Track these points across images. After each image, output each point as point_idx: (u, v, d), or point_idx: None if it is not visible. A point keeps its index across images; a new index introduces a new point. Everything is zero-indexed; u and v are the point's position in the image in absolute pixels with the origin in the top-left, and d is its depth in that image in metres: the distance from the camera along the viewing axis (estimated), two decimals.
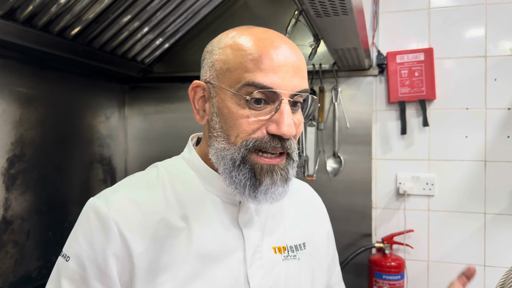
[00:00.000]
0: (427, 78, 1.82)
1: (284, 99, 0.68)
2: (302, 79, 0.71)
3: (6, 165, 1.55)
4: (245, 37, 0.72)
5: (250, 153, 0.69)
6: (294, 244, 0.79)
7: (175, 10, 1.87)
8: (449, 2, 1.84)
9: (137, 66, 2.11)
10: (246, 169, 0.68)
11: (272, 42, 0.70)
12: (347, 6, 1.03)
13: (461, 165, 1.82)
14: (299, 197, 0.87)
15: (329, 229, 0.90)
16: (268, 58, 0.68)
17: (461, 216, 1.82)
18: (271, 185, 0.68)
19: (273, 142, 0.68)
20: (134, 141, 2.30)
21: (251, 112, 0.68)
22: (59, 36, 1.60)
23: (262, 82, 0.67)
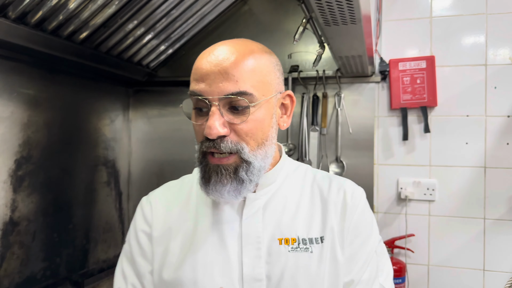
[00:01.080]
0: (428, 85, 1.86)
1: (212, 104, 0.74)
2: (235, 82, 0.74)
3: (14, 167, 1.57)
4: (202, 53, 0.81)
5: (204, 155, 0.79)
6: (308, 237, 0.82)
7: (180, 16, 1.90)
8: (451, 12, 1.88)
9: (142, 70, 2.13)
10: (201, 168, 0.80)
11: (205, 52, 0.79)
12: (356, 16, 1.06)
13: (461, 171, 1.85)
14: (324, 192, 0.87)
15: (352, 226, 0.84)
16: (198, 68, 0.77)
17: (461, 221, 1.85)
18: (218, 182, 0.76)
19: (206, 143, 0.77)
20: (137, 144, 2.31)
21: (196, 119, 0.79)
22: (67, 40, 1.62)
23: (193, 90, 0.77)
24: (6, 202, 1.53)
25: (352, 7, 1.00)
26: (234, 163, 0.77)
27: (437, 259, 1.87)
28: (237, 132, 0.76)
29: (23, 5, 1.35)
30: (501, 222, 1.80)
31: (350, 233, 0.84)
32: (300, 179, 0.90)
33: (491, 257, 1.81)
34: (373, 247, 0.86)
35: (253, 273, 0.79)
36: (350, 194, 0.86)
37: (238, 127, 0.76)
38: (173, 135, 2.27)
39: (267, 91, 0.79)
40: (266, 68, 0.79)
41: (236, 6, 2.15)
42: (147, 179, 2.30)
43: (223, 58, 0.76)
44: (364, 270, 0.83)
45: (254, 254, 0.80)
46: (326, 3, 0.98)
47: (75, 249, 1.89)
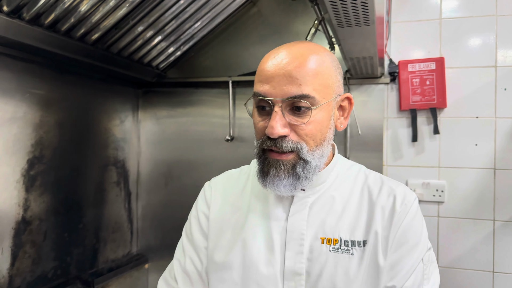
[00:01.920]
0: (438, 86, 1.86)
1: (276, 105, 0.78)
2: (299, 86, 0.78)
3: (26, 167, 1.58)
4: (266, 55, 0.85)
5: (263, 150, 0.83)
6: (351, 240, 0.83)
7: (190, 18, 1.91)
8: (460, 13, 1.88)
9: (152, 71, 2.15)
10: (260, 162, 0.84)
11: (271, 55, 0.83)
12: (370, 17, 1.06)
13: (470, 172, 1.85)
14: (373, 195, 0.88)
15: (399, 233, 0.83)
16: (263, 70, 0.82)
17: (470, 222, 1.85)
18: (276, 176, 0.81)
19: (267, 142, 0.81)
20: (147, 145, 2.33)
21: (258, 117, 0.83)
22: (80, 41, 1.63)
23: (258, 91, 0.81)
24: (18, 201, 1.55)
25: (367, 9, 1.00)
26: (292, 159, 0.81)
27: (446, 260, 1.87)
28: (297, 132, 0.80)
29: (37, 7, 1.36)
30: (510, 224, 1.80)
31: (396, 240, 0.83)
32: (352, 179, 0.92)
33: (501, 259, 1.81)
34: (420, 255, 0.84)
35: (294, 267, 0.83)
36: (401, 200, 0.86)
37: (299, 127, 0.80)
38: (181, 136, 2.28)
39: (327, 94, 0.82)
40: (328, 71, 0.83)
41: (245, 7, 2.16)
42: (156, 179, 2.31)
43: (287, 61, 0.79)
44: (408, 277, 0.82)
45: (296, 250, 0.84)
46: (341, 4, 0.99)
47: (85, 249, 1.90)
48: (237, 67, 2.19)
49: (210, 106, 2.25)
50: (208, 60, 2.25)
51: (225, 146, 2.18)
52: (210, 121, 2.24)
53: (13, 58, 1.52)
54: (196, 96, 2.27)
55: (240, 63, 2.19)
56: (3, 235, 1.49)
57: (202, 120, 2.26)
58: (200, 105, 2.27)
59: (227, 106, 2.17)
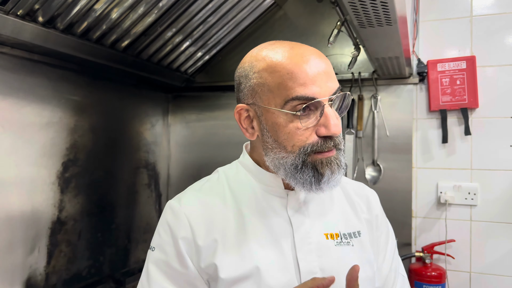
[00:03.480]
0: (469, 86, 1.81)
1: (326, 105, 0.77)
2: (334, 80, 0.80)
3: (61, 169, 1.66)
4: (276, 58, 0.79)
5: (308, 156, 0.78)
6: (348, 232, 0.88)
7: (217, 23, 1.95)
8: (493, 10, 1.82)
9: (181, 76, 2.20)
10: (308, 169, 0.78)
11: (302, 57, 0.78)
12: (391, 17, 1.05)
13: (505, 175, 1.78)
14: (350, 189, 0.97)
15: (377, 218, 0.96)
16: (303, 72, 0.76)
17: (505, 227, 1.78)
18: (331, 174, 0.78)
19: (326, 143, 0.78)
20: (176, 148, 2.38)
21: (300, 122, 0.77)
22: (111, 48, 1.70)
23: (304, 94, 0.76)
24: (54, 203, 1.62)
25: (388, 9, 1.00)
26: (337, 152, 0.81)
27: (480, 266, 1.81)
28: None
29: (70, 16, 1.43)
30: None
31: (379, 227, 0.95)
32: None
33: None
34: (394, 239, 0.98)
35: (309, 266, 0.82)
36: (371, 194, 0.99)
37: (339, 119, 0.81)
38: (210, 139, 2.32)
39: None
40: None
41: (271, 11, 2.18)
42: (185, 181, 2.36)
43: (320, 60, 0.79)
44: (391, 260, 0.93)
45: (306, 249, 0.83)
46: (361, 5, 0.99)
47: (118, 249, 1.96)
48: None
49: None
50: (235, 64, 2.24)
51: None
52: (237, 124, 2.27)
53: (49, 66, 1.60)
54: (224, 100, 2.30)
55: None
56: (40, 234, 1.57)
57: (230, 123, 2.29)
58: (228, 109, 2.30)
59: None
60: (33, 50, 1.50)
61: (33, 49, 1.48)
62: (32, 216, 1.53)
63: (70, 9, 1.41)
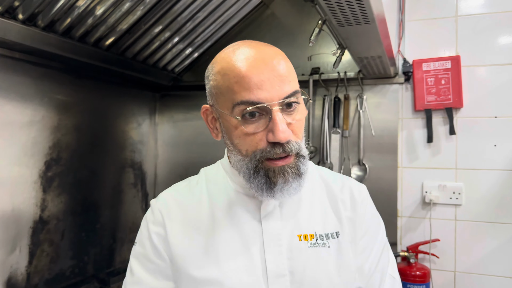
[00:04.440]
0: (454, 86, 1.81)
1: (275, 108, 0.74)
2: (289, 83, 0.76)
3: (44, 168, 1.65)
4: (229, 61, 0.77)
5: (260, 162, 0.77)
6: (325, 233, 0.84)
7: (204, 20, 1.94)
8: (478, 10, 1.83)
9: (168, 75, 2.19)
10: (260, 175, 0.77)
11: (252, 60, 0.75)
12: (368, 15, 1.05)
13: (489, 174, 1.79)
14: (331, 188, 0.91)
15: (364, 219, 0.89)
16: (249, 76, 0.74)
17: (489, 226, 1.78)
18: (284, 184, 0.76)
19: (275, 149, 0.75)
20: (163, 147, 2.37)
21: (249, 127, 0.76)
22: (94, 47, 1.69)
23: (249, 99, 0.74)
24: (36, 202, 1.61)
25: (364, 7, 0.99)
26: (294, 160, 0.78)
27: (464, 265, 1.81)
28: (293, 131, 0.77)
29: (51, 14, 1.42)
30: None
31: (363, 226, 0.88)
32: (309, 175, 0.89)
33: None
34: (383, 238, 0.92)
35: (277, 269, 0.80)
36: (357, 190, 0.91)
37: (293, 125, 0.77)
38: (197, 139, 2.32)
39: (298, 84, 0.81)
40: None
41: (258, 10, 2.18)
42: (173, 181, 2.32)
43: (273, 63, 0.76)
44: (378, 260, 0.88)
45: (276, 251, 0.81)
46: (337, 4, 0.98)
47: (102, 248, 1.95)
48: None
49: None
50: None
51: None
52: None
53: (31, 64, 1.59)
54: None
55: None
56: (21, 234, 1.55)
57: None
58: None
59: None
60: (14, 48, 1.48)
61: (14, 47, 1.47)
62: (13, 215, 1.52)
63: (51, 6, 1.40)
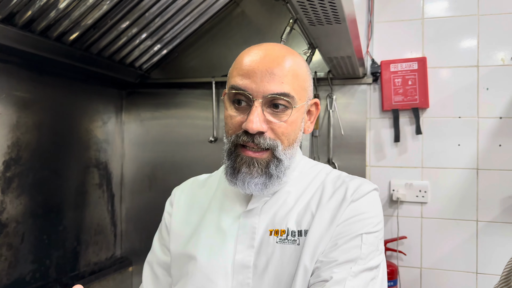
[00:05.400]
0: (420, 86, 1.85)
1: (256, 100, 0.78)
2: (281, 84, 0.79)
3: (2, 168, 1.56)
4: (245, 50, 0.84)
5: (236, 146, 0.82)
6: (298, 230, 0.83)
7: (173, 17, 1.89)
8: (443, 13, 1.87)
9: (135, 72, 2.13)
10: (231, 159, 0.83)
11: (253, 52, 0.82)
12: (339, 15, 1.05)
13: (453, 172, 1.84)
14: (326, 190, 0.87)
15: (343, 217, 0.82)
16: (244, 65, 0.80)
17: (453, 223, 1.83)
18: (248, 174, 0.80)
19: (244, 137, 0.80)
20: (130, 146, 2.31)
21: (233, 111, 0.82)
22: (57, 41, 1.62)
23: (237, 84, 0.79)
24: None
25: (335, 7, 0.99)
26: (266, 158, 0.81)
27: (430, 262, 1.86)
28: (274, 130, 0.81)
29: (10, 6, 1.35)
30: (494, 224, 1.79)
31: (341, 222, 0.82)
32: (311, 177, 0.91)
33: (484, 260, 1.79)
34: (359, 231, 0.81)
35: (243, 260, 0.83)
36: (353, 190, 0.84)
37: (276, 125, 0.80)
38: (166, 137, 2.27)
39: (303, 96, 0.84)
40: (304, 74, 0.85)
41: (228, 8, 2.15)
42: (140, 181, 2.29)
43: (271, 58, 0.80)
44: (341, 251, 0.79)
45: (247, 243, 0.84)
46: (308, 3, 0.98)
47: (66, 251, 1.88)
48: (221, 67, 2.17)
49: (194, 107, 2.23)
50: (192, 61, 2.24)
51: (209, 147, 2.17)
52: (194, 123, 2.23)
53: None
54: (180, 97, 2.26)
55: (223, 64, 2.18)
56: None
57: (186, 121, 2.24)
58: (184, 107, 2.25)
59: (210, 107, 2.16)
60: None
61: None
62: None
63: None
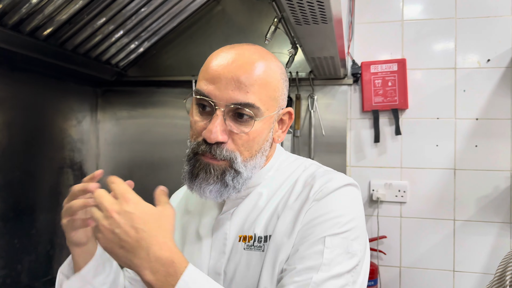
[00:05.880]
0: (400, 88, 1.87)
1: (218, 109, 0.74)
2: (246, 93, 0.75)
3: None
4: (215, 52, 0.80)
5: (194, 153, 0.78)
6: (264, 235, 0.80)
7: (151, 14, 1.85)
8: (421, 15, 1.90)
9: (111, 69, 2.07)
10: (190, 164, 0.79)
11: (220, 54, 0.78)
12: (327, 15, 1.04)
13: (432, 173, 1.87)
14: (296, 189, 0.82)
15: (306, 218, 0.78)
16: (211, 68, 0.76)
17: (432, 222, 1.87)
18: (204, 180, 0.77)
19: (202, 146, 0.76)
20: (106, 146, 2.24)
21: (196, 116, 0.78)
22: (30, 36, 1.55)
23: (201, 89, 0.76)
24: None
25: (323, 6, 0.98)
26: (223, 165, 0.77)
27: (409, 260, 1.88)
28: (234, 141, 0.77)
29: None
30: (470, 223, 1.83)
31: (303, 228, 0.77)
32: (285, 176, 0.86)
33: (461, 258, 1.83)
34: (321, 234, 0.75)
35: (215, 266, 0.83)
36: (317, 188, 0.79)
37: (237, 136, 0.76)
38: (142, 137, 2.21)
39: (272, 106, 0.79)
40: (276, 84, 0.80)
41: (208, 5, 2.12)
42: None
43: (237, 65, 0.75)
44: (301, 258, 0.74)
45: (219, 250, 0.84)
46: (297, 2, 0.96)
47: (38, 256, 1.80)
48: (201, 66, 2.13)
49: (172, 106, 2.19)
50: (171, 58, 2.19)
51: None
52: (173, 122, 2.18)
53: None
54: (158, 96, 2.21)
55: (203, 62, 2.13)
56: None
57: (165, 121, 2.20)
58: (162, 106, 2.20)
59: None
60: None
61: None
62: None
63: None
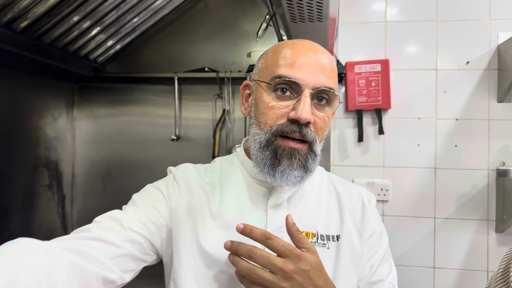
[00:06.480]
0: (383, 88, 1.89)
1: (306, 90, 0.77)
2: (328, 78, 0.80)
3: None
4: (284, 43, 0.84)
5: (274, 137, 0.79)
6: (326, 234, 0.86)
7: (132, 9, 1.80)
8: (404, 17, 1.93)
9: (89, 65, 1.99)
10: (269, 150, 0.79)
11: (302, 46, 0.82)
12: (323, 13, 1.03)
13: (413, 171, 1.90)
14: (340, 194, 0.93)
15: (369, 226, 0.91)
16: (295, 56, 0.80)
17: (413, 220, 1.90)
18: (289, 166, 0.77)
19: (291, 126, 0.77)
20: (82, 145, 2.16)
21: (277, 101, 0.79)
22: (5, 28, 1.47)
23: (287, 74, 0.78)
24: None
25: (321, 4, 0.97)
26: (306, 150, 0.79)
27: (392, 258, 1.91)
28: (315, 124, 0.79)
29: None
30: (449, 221, 1.87)
31: (368, 232, 0.89)
32: (318, 177, 0.94)
33: (441, 255, 1.87)
34: (386, 247, 0.91)
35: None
36: (367, 198, 0.94)
37: (318, 119, 0.79)
38: (121, 136, 2.15)
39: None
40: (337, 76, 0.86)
41: (191, 1, 2.08)
42: (93, 182, 2.16)
43: (321, 54, 0.81)
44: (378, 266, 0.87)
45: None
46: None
47: None
48: (183, 63, 2.10)
49: (153, 104, 2.14)
50: (152, 54, 2.14)
51: (171, 146, 2.08)
52: (153, 120, 2.13)
53: None
54: (138, 94, 2.14)
55: (186, 59, 2.10)
56: None
57: (145, 119, 2.14)
58: (143, 103, 2.14)
59: (171, 104, 2.07)
60: None
61: None
62: None
63: None
